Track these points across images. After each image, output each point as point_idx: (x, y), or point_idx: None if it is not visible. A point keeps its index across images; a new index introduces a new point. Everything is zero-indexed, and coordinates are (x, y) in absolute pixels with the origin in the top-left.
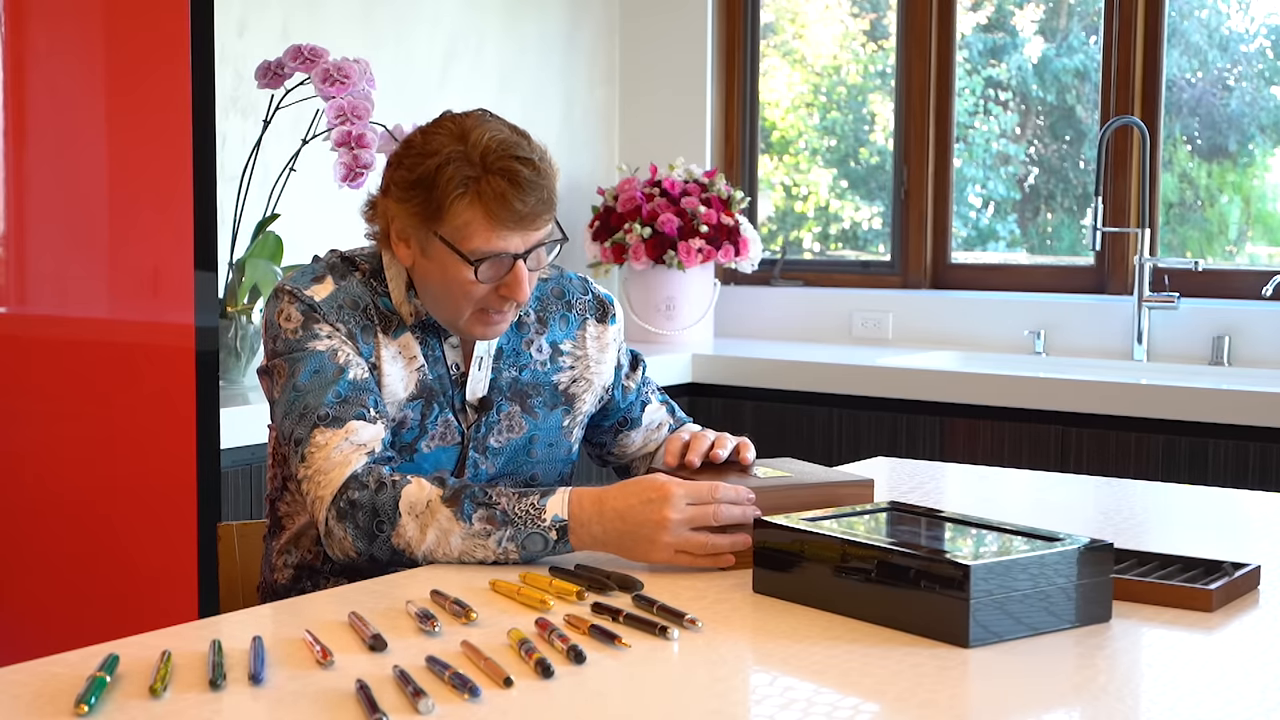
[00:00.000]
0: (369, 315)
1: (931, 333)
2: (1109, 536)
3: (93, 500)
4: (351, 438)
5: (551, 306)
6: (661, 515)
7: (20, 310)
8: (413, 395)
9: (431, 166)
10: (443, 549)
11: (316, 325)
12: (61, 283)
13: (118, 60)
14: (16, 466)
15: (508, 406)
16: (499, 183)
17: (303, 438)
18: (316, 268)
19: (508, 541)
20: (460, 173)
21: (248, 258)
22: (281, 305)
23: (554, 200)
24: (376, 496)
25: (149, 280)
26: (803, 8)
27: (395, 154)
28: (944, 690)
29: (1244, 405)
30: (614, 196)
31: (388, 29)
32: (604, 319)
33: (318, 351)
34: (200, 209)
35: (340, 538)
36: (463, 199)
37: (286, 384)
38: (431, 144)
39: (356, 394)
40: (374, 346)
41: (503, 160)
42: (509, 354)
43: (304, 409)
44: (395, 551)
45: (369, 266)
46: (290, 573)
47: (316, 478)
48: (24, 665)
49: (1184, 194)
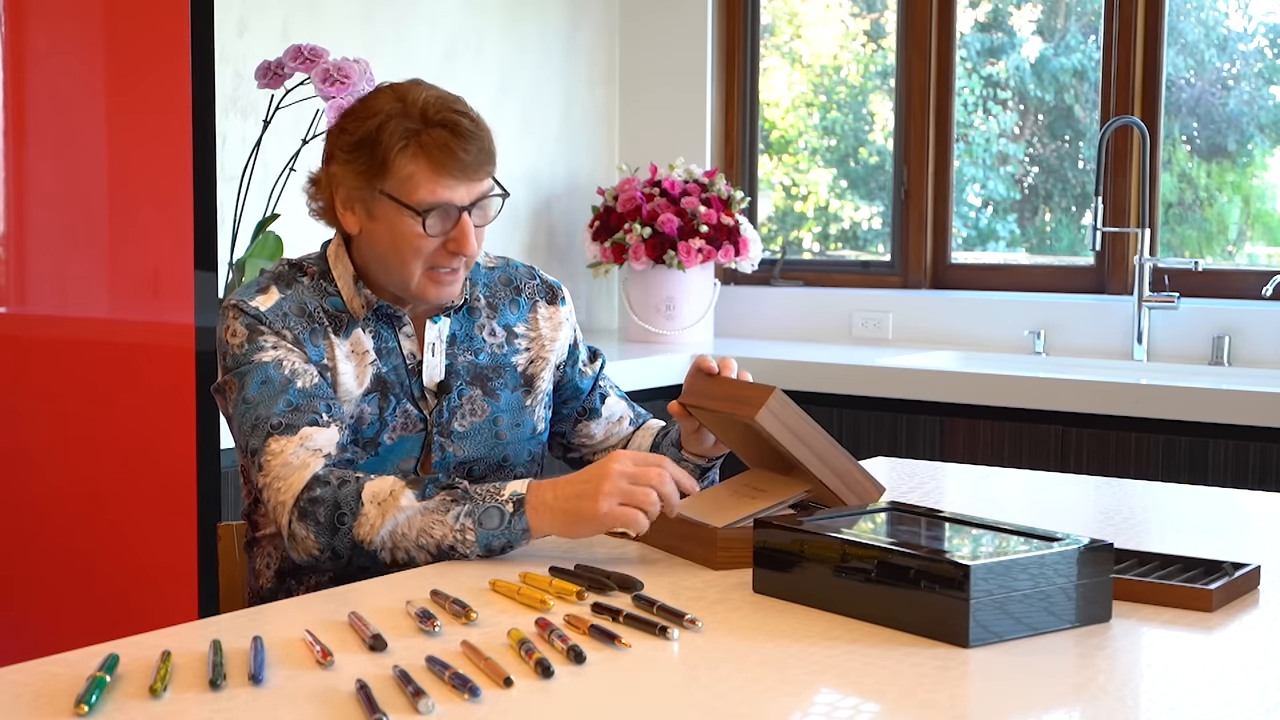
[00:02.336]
0: (316, 319)
1: (931, 333)
2: (1109, 536)
3: (93, 500)
4: (307, 443)
5: (500, 293)
6: (605, 466)
7: (20, 310)
8: (368, 390)
9: (373, 125)
10: (400, 531)
11: (261, 337)
12: (62, 283)
13: (118, 60)
14: (16, 466)
15: (468, 390)
16: (440, 133)
17: (258, 447)
18: (261, 279)
19: (465, 517)
20: (401, 126)
21: (248, 258)
22: (227, 321)
23: (494, 153)
24: (339, 491)
25: (149, 280)
26: (802, 8)
27: (334, 124)
28: (944, 690)
29: (1244, 405)
30: (614, 196)
31: (388, 29)
32: (554, 301)
33: (263, 363)
34: (200, 209)
35: (302, 537)
36: (405, 151)
37: (237, 399)
38: (370, 107)
39: (307, 401)
40: (325, 349)
41: (442, 113)
42: (462, 339)
43: (256, 420)
44: (355, 545)
45: (316, 268)
46: (272, 575)
47: (275, 484)
48: (24, 665)
49: (1183, 194)
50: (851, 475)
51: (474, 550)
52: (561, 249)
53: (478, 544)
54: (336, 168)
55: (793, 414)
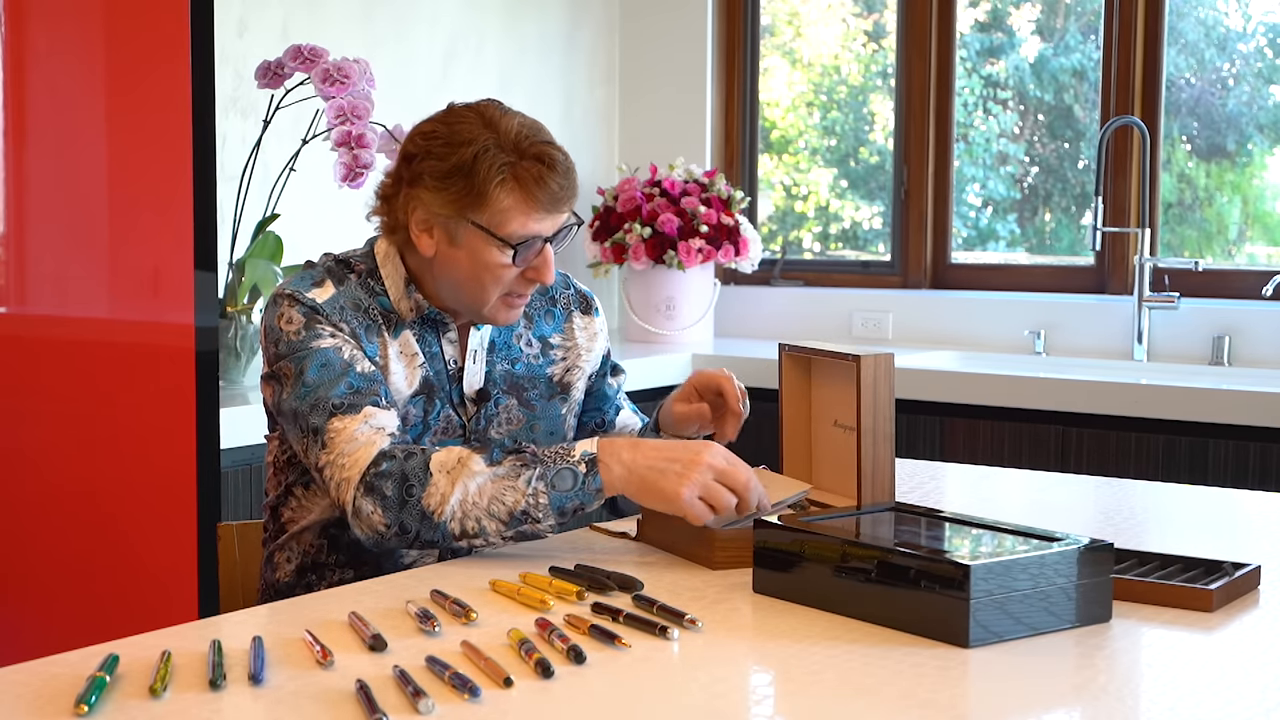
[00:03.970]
0: (371, 315)
1: (931, 333)
2: (1109, 536)
3: (93, 500)
4: (370, 421)
5: (536, 303)
6: (699, 455)
7: (20, 310)
8: (416, 392)
9: (468, 155)
10: (471, 500)
11: (319, 326)
12: (62, 283)
13: (118, 60)
14: (16, 466)
15: (504, 399)
16: (536, 167)
17: (320, 426)
18: (314, 272)
19: (537, 480)
20: (499, 159)
21: (248, 258)
22: (282, 309)
23: (578, 185)
24: (406, 464)
25: (149, 280)
26: (802, 8)
27: (417, 145)
28: (944, 690)
29: (1244, 405)
30: (614, 196)
31: (388, 29)
32: (588, 311)
33: (323, 348)
34: (200, 209)
35: (369, 513)
36: (503, 185)
37: (295, 382)
38: (461, 133)
39: (368, 384)
40: (379, 345)
41: (535, 146)
42: (500, 346)
43: (317, 400)
44: (424, 517)
45: (364, 267)
46: (292, 569)
47: (340, 460)
48: (24, 665)
49: (1183, 194)
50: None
51: (546, 514)
52: (561, 249)
53: (550, 506)
54: (423, 192)
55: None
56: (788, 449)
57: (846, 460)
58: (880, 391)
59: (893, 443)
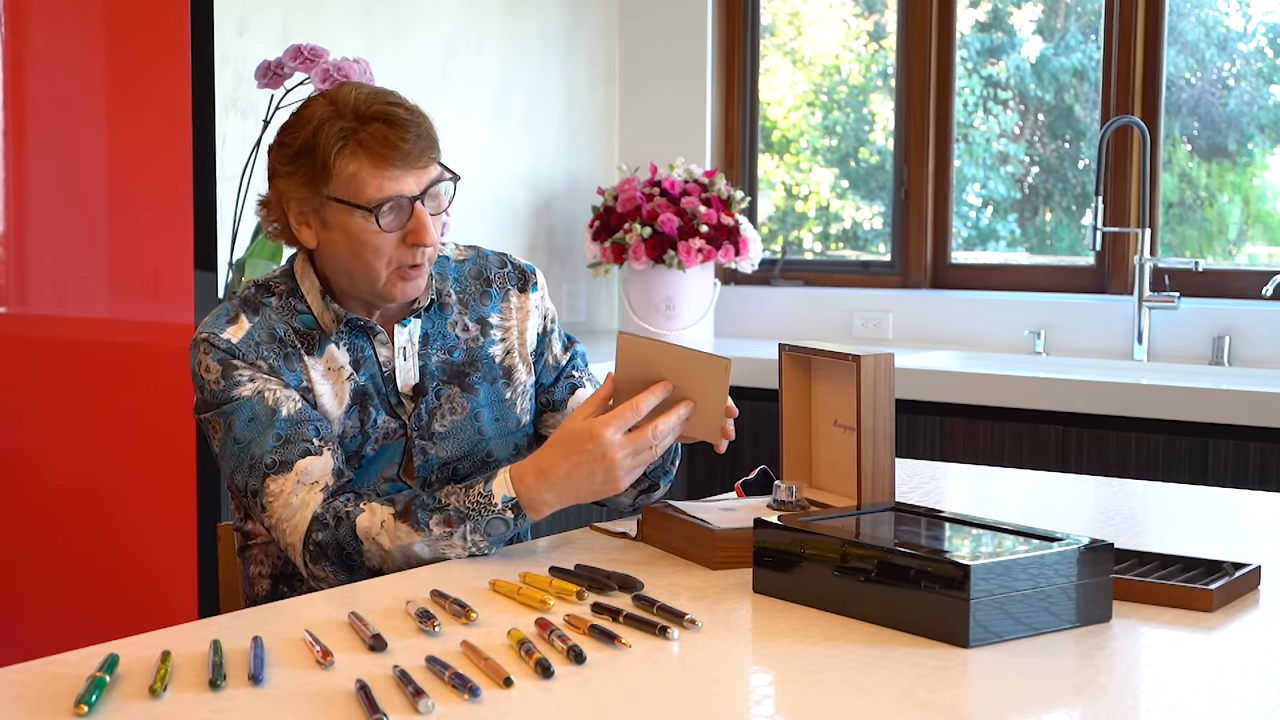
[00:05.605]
0: (288, 342)
1: (931, 333)
2: (1109, 536)
3: (93, 500)
4: (303, 478)
5: (471, 287)
6: (609, 460)
7: (21, 310)
8: (348, 405)
9: (308, 133)
10: (415, 560)
11: (237, 371)
12: (62, 283)
13: (118, 60)
14: (16, 466)
15: (445, 390)
16: (377, 127)
17: (257, 489)
18: (229, 307)
19: (471, 534)
20: (336, 127)
21: (248, 258)
22: (199, 357)
23: (435, 138)
24: (337, 532)
25: (149, 280)
26: (803, 7)
27: (273, 141)
28: (944, 690)
29: (1244, 405)
30: (614, 196)
31: (388, 29)
32: (525, 288)
33: (245, 400)
34: (200, 209)
35: (323, 577)
36: (344, 151)
37: (225, 438)
38: (303, 115)
39: (295, 429)
40: (300, 371)
41: (374, 106)
42: (434, 337)
43: (251, 460)
44: (376, 570)
45: (284, 288)
46: (267, 583)
47: (281, 525)
48: (24, 665)
49: (1183, 194)
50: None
51: (491, 548)
52: (561, 249)
53: (492, 546)
54: (281, 183)
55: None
56: (788, 449)
57: (846, 460)
58: (880, 391)
59: (893, 443)
